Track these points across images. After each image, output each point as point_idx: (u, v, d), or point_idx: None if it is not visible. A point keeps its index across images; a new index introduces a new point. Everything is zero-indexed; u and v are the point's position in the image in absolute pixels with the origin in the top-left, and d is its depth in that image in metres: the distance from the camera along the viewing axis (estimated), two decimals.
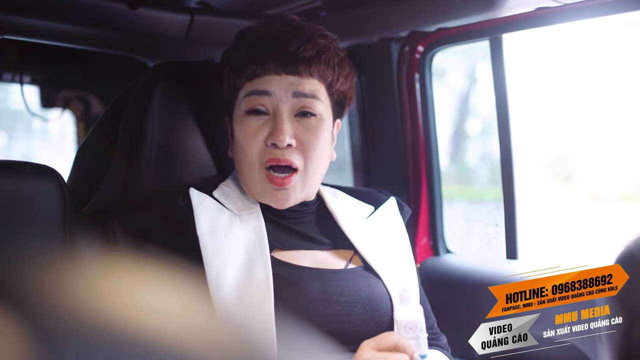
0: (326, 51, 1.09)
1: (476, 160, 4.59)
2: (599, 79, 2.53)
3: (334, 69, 1.09)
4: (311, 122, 1.06)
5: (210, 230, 1.03)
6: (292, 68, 1.06)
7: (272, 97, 1.06)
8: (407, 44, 1.63)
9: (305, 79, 1.06)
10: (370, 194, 1.25)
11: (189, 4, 1.56)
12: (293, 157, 1.05)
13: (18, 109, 2.85)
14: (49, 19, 1.48)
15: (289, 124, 1.04)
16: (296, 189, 1.06)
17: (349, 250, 1.12)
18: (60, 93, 2.44)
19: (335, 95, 1.12)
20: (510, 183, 1.51)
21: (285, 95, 1.05)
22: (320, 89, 1.09)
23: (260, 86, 1.06)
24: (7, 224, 1.02)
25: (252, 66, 1.06)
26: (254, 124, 1.06)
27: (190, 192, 1.07)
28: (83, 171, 1.33)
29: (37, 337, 0.29)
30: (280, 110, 1.05)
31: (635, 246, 0.83)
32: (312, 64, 1.06)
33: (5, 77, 2.26)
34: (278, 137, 1.03)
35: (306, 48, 1.06)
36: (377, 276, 1.08)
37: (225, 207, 1.08)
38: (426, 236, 1.69)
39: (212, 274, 0.99)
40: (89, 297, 0.33)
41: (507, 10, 1.38)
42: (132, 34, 1.58)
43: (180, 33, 1.57)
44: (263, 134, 1.05)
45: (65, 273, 0.36)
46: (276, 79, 1.06)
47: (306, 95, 1.06)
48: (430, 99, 1.65)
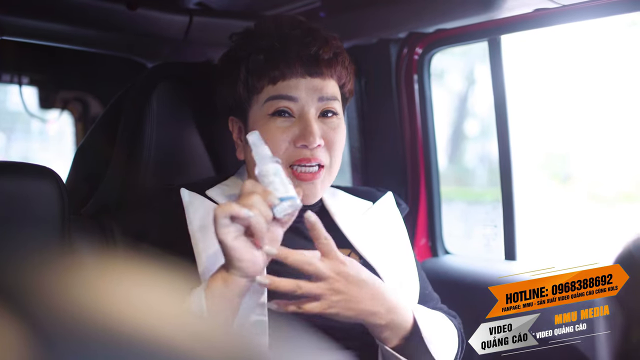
0: (341, 52, 1.12)
1: (475, 161, 4.59)
2: (597, 79, 2.54)
3: (347, 69, 1.13)
4: (334, 122, 1.10)
5: (201, 228, 1.04)
6: (316, 70, 1.08)
7: (297, 102, 1.08)
8: (406, 45, 1.63)
9: (327, 80, 1.09)
10: (368, 191, 1.27)
11: (188, 4, 1.56)
12: (321, 155, 1.08)
13: (17, 110, 2.85)
14: (48, 20, 1.48)
15: (316, 126, 1.07)
16: (322, 184, 1.09)
17: (347, 247, 1.12)
18: (59, 94, 2.44)
19: (347, 94, 1.17)
20: (508, 184, 1.51)
21: (312, 99, 1.08)
22: (337, 90, 1.12)
23: (286, 90, 1.07)
24: (6, 225, 1.02)
25: (276, 70, 1.07)
26: (280, 126, 1.07)
27: (182, 192, 1.08)
28: (82, 172, 1.33)
29: (36, 337, 0.29)
30: (307, 113, 1.07)
31: (634, 247, 0.83)
32: (332, 65, 1.09)
33: (4, 78, 2.26)
34: (308, 139, 1.05)
35: (325, 50, 1.08)
36: (374, 272, 1.08)
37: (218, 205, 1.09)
38: (425, 237, 1.69)
39: (203, 271, 1.00)
40: (88, 297, 0.33)
41: (505, 11, 1.38)
42: (131, 34, 1.58)
43: (179, 34, 1.57)
44: (290, 135, 1.07)
45: (63, 273, 0.36)
46: (302, 82, 1.07)
47: (329, 98, 1.09)
48: (429, 100, 1.66)
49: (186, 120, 1.30)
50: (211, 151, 1.32)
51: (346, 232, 1.13)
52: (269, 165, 0.94)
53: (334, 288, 0.91)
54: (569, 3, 1.26)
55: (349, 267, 0.94)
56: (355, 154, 1.76)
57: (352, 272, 0.94)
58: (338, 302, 0.92)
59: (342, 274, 0.92)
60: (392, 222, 1.21)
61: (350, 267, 0.94)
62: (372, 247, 1.12)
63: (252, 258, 0.88)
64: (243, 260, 0.87)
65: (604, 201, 3.35)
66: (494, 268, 1.53)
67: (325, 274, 0.91)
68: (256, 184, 0.91)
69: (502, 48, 1.49)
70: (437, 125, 1.67)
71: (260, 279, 0.88)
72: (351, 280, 0.93)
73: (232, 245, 0.86)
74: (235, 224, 0.86)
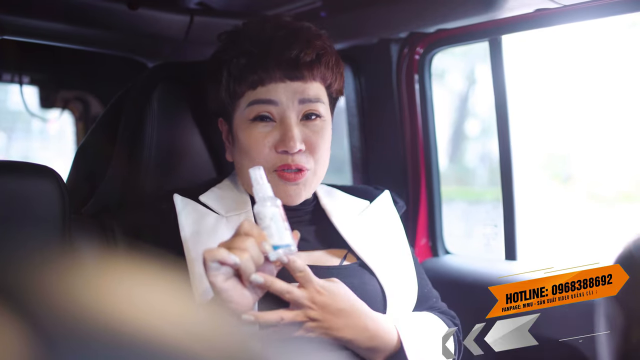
0: (325, 53, 1.10)
1: (475, 161, 4.59)
2: (598, 80, 2.54)
3: (332, 70, 1.12)
4: (317, 124, 1.09)
5: (193, 233, 1.05)
6: (296, 74, 1.07)
7: (278, 106, 1.07)
8: (407, 45, 1.63)
9: (309, 83, 1.08)
10: (365, 190, 1.26)
11: (189, 4, 1.56)
12: (303, 160, 1.07)
13: (17, 110, 2.85)
14: (49, 20, 1.47)
15: (297, 130, 1.06)
16: (306, 185, 1.09)
17: (343, 248, 1.12)
18: (59, 93, 2.44)
19: (334, 94, 1.16)
20: (509, 184, 1.51)
21: (292, 103, 1.07)
22: (322, 91, 1.11)
23: (265, 95, 1.07)
24: (7, 224, 1.02)
25: (255, 74, 1.07)
26: (261, 131, 1.07)
27: (175, 197, 1.09)
28: (82, 171, 1.33)
29: (36, 336, 0.29)
30: (287, 117, 1.06)
31: (634, 247, 0.83)
32: (314, 67, 1.08)
33: (4, 77, 2.26)
34: (289, 144, 1.04)
35: (306, 53, 1.07)
36: (371, 272, 1.08)
37: (211, 210, 1.09)
38: (425, 237, 1.69)
39: (195, 277, 1.00)
40: (88, 296, 0.33)
41: (506, 11, 1.38)
42: (131, 34, 1.58)
43: (180, 33, 1.57)
44: (271, 140, 1.07)
45: (64, 273, 0.36)
46: (281, 86, 1.07)
47: (311, 100, 1.08)
48: (430, 100, 1.66)
49: (187, 119, 1.30)
50: (212, 151, 1.32)
51: (343, 232, 1.13)
52: (267, 209, 0.93)
53: (310, 316, 0.93)
54: (570, 3, 1.26)
55: (326, 296, 0.95)
56: (356, 153, 1.76)
57: (329, 301, 0.95)
58: (315, 329, 0.94)
59: (318, 304, 0.94)
60: (390, 221, 1.21)
61: (329, 296, 0.95)
62: (368, 247, 1.12)
63: (241, 299, 0.89)
64: (232, 302, 0.88)
65: (604, 201, 3.35)
66: (494, 268, 1.53)
67: (303, 303, 0.93)
68: (253, 226, 0.90)
69: (503, 48, 1.49)
70: (438, 125, 1.67)
71: (246, 317, 0.89)
72: (328, 309, 0.94)
73: (222, 288, 0.87)
74: (225, 266, 0.87)
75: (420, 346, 1.03)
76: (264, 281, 0.89)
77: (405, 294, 1.11)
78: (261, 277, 0.89)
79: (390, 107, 1.66)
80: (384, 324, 1.01)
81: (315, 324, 0.94)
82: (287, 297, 0.92)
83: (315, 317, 0.93)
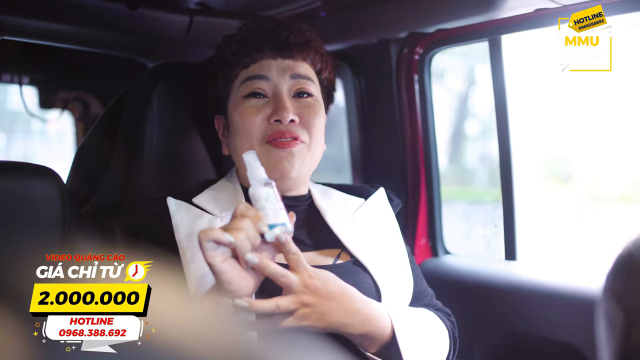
0: (314, 40, 1.17)
1: (475, 161, 4.59)
2: (598, 80, 2.54)
3: (322, 56, 1.18)
4: (309, 101, 1.13)
5: (188, 235, 1.05)
6: (287, 52, 1.13)
7: (270, 81, 1.12)
8: (406, 45, 1.63)
9: (298, 62, 1.14)
10: (360, 188, 1.27)
11: (188, 4, 1.56)
12: (298, 131, 1.10)
13: (17, 110, 2.85)
14: (49, 20, 1.48)
15: (289, 102, 1.10)
16: (300, 157, 1.10)
17: (337, 247, 1.12)
18: (59, 94, 2.44)
19: (325, 82, 1.20)
20: (509, 184, 1.51)
21: (283, 77, 1.12)
22: (312, 74, 1.16)
23: (257, 71, 1.12)
24: (7, 225, 1.02)
25: (248, 55, 1.13)
26: (255, 105, 1.11)
27: (168, 200, 1.09)
28: (82, 172, 1.33)
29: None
30: (280, 91, 1.11)
31: (634, 247, 0.83)
32: (304, 49, 1.14)
33: (4, 78, 2.26)
34: (281, 114, 1.08)
35: (297, 36, 1.14)
36: (365, 270, 1.08)
37: (205, 211, 1.09)
38: (425, 237, 1.69)
39: (191, 278, 1.00)
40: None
41: (506, 11, 1.38)
42: (131, 34, 1.58)
43: (180, 34, 1.57)
44: (264, 113, 1.10)
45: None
46: (273, 63, 1.13)
47: (302, 76, 1.13)
48: (429, 100, 1.66)
49: (187, 119, 1.30)
50: (211, 151, 1.33)
51: (336, 231, 1.13)
52: (261, 189, 0.94)
53: (303, 301, 0.93)
54: (569, 3, 1.26)
55: (317, 280, 0.94)
56: (356, 153, 1.76)
57: (320, 285, 0.94)
58: (309, 315, 0.93)
59: (309, 287, 0.93)
60: (384, 219, 1.21)
61: (319, 280, 0.95)
62: (362, 246, 1.12)
63: (242, 280, 0.89)
64: (233, 283, 0.88)
65: (604, 202, 3.35)
66: (494, 268, 1.53)
67: (295, 287, 0.92)
68: (249, 208, 0.91)
69: (503, 48, 1.49)
70: (438, 125, 1.67)
71: (239, 302, 0.88)
72: (319, 293, 0.94)
73: (221, 269, 0.87)
74: (222, 246, 0.87)
75: (414, 336, 1.03)
76: (259, 262, 0.89)
77: (400, 292, 1.10)
78: (256, 257, 0.88)
79: (390, 107, 1.66)
80: (377, 309, 1.01)
81: (308, 310, 0.93)
82: (281, 280, 0.91)
83: (308, 302, 0.93)
